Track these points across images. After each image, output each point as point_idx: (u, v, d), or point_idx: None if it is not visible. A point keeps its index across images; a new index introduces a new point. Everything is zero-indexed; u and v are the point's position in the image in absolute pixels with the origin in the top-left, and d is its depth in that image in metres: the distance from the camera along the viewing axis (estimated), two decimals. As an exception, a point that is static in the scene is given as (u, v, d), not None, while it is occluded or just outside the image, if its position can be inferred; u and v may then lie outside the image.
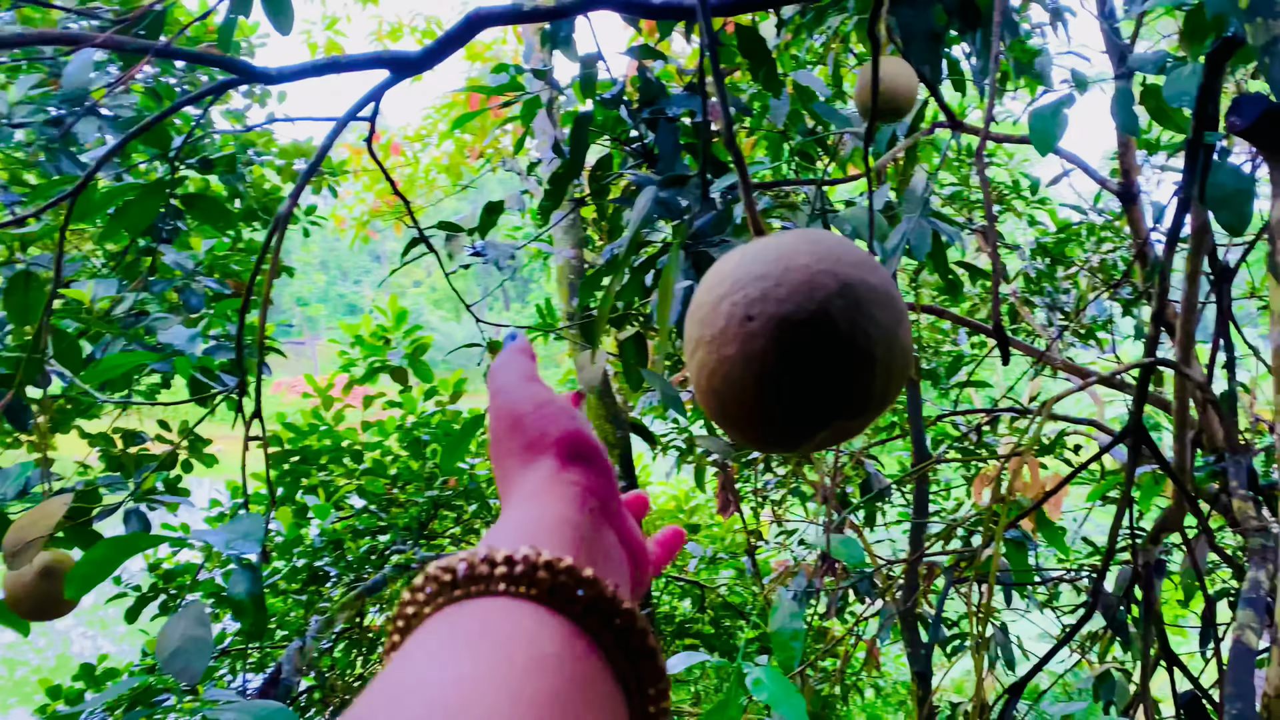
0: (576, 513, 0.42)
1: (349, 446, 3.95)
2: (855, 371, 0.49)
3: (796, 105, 2.46)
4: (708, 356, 0.52)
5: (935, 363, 4.10)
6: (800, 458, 2.29)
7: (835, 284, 0.50)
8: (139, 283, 1.48)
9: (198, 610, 0.91)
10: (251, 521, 0.93)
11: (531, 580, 0.33)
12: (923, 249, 2.24)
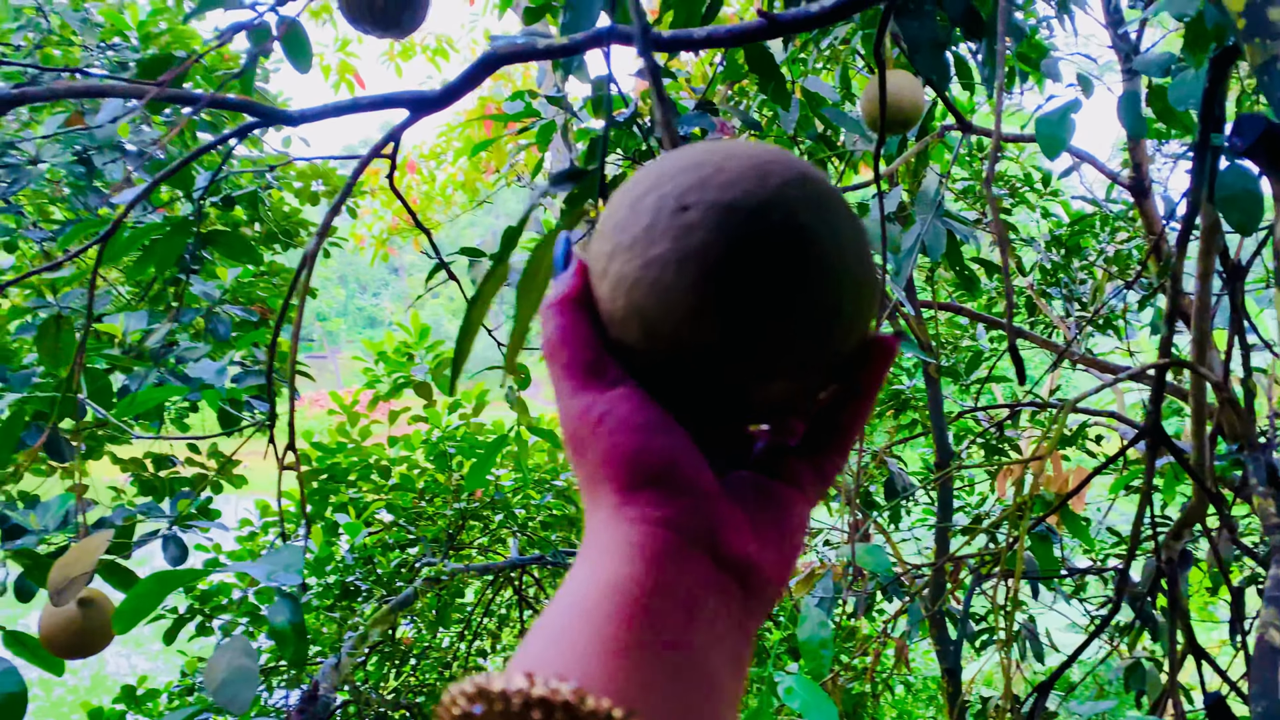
0: (632, 574, 0.33)
1: (376, 462, 4.00)
2: (822, 281, 0.37)
3: (805, 111, 2.48)
4: (626, 267, 0.38)
5: (955, 359, 4.10)
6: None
7: (791, 172, 0.38)
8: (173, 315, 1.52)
9: (243, 642, 0.94)
10: (290, 552, 0.96)
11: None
12: (938, 249, 2.25)
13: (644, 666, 0.31)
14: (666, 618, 0.32)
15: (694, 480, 0.36)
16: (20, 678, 1.16)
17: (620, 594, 0.32)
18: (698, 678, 0.32)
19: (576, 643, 0.31)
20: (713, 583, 0.34)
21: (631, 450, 0.36)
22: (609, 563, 0.34)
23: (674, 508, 0.35)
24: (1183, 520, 1.35)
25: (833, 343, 0.38)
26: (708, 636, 0.33)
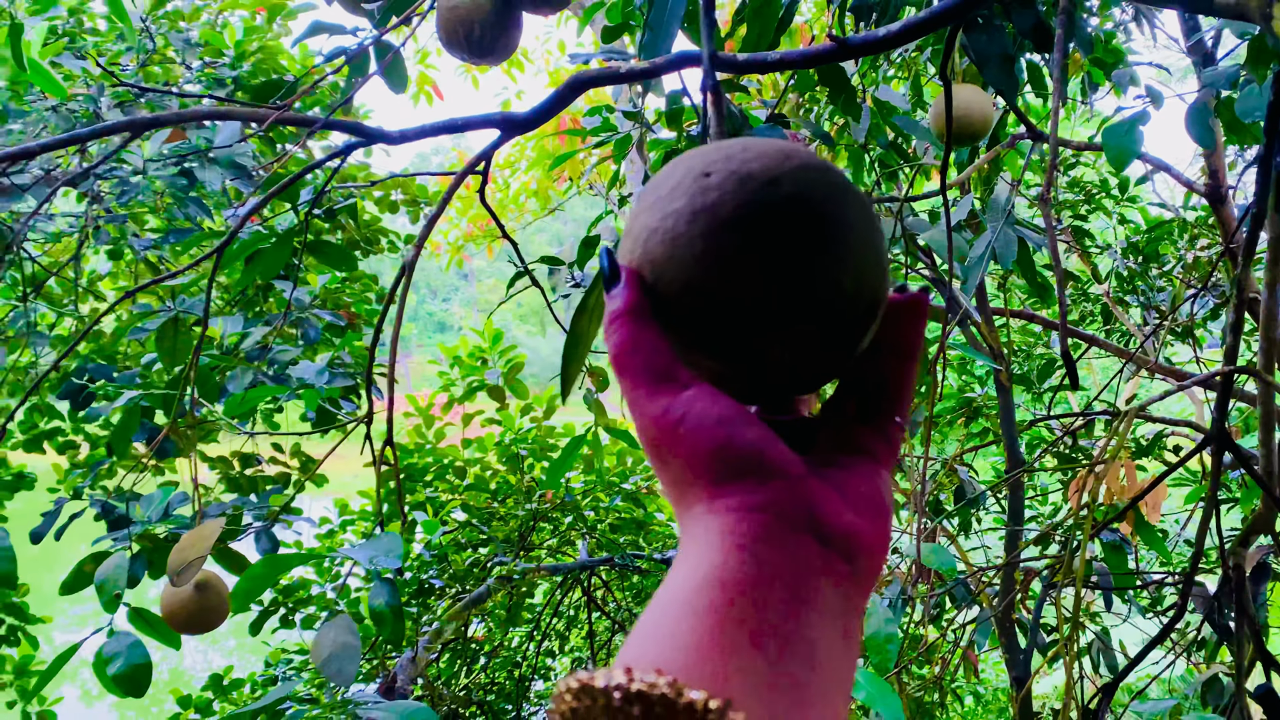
0: (727, 563, 0.33)
1: (451, 463, 4.12)
2: (825, 255, 0.39)
3: (876, 119, 2.51)
4: (649, 218, 0.41)
5: (1027, 367, 4.07)
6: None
7: (812, 160, 0.41)
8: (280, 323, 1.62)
9: (346, 621, 1.02)
10: (390, 539, 1.04)
11: (626, 715, 0.29)
12: (1008, 257, 2.27)
13: (746, 654, 0.31)
14: (769, 603, 0.33)
15: (782, 465, 0.36)
16: (145, 650, 1.26)
17: (720, 584, 0.33)
18: (805, 660, 0.32)
19: (676, 635, 0.31)
20: (817, 561, 0.35)
21: (715, 445, 0.36)
22: (707, 555, 0.34)
23: (766, 493, 0.35)
24: (1249, 528, 1.36)
25: (838, 303, 0.39)
26: (815, 616, 0.33)
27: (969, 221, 2.60)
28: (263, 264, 1.36)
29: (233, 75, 2.41)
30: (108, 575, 1.33)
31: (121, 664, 1.31)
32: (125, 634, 1.35)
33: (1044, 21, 1.55)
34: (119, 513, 2.18)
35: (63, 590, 1.45)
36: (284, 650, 3.95)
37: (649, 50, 1.26)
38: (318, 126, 1.01)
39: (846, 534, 0.36)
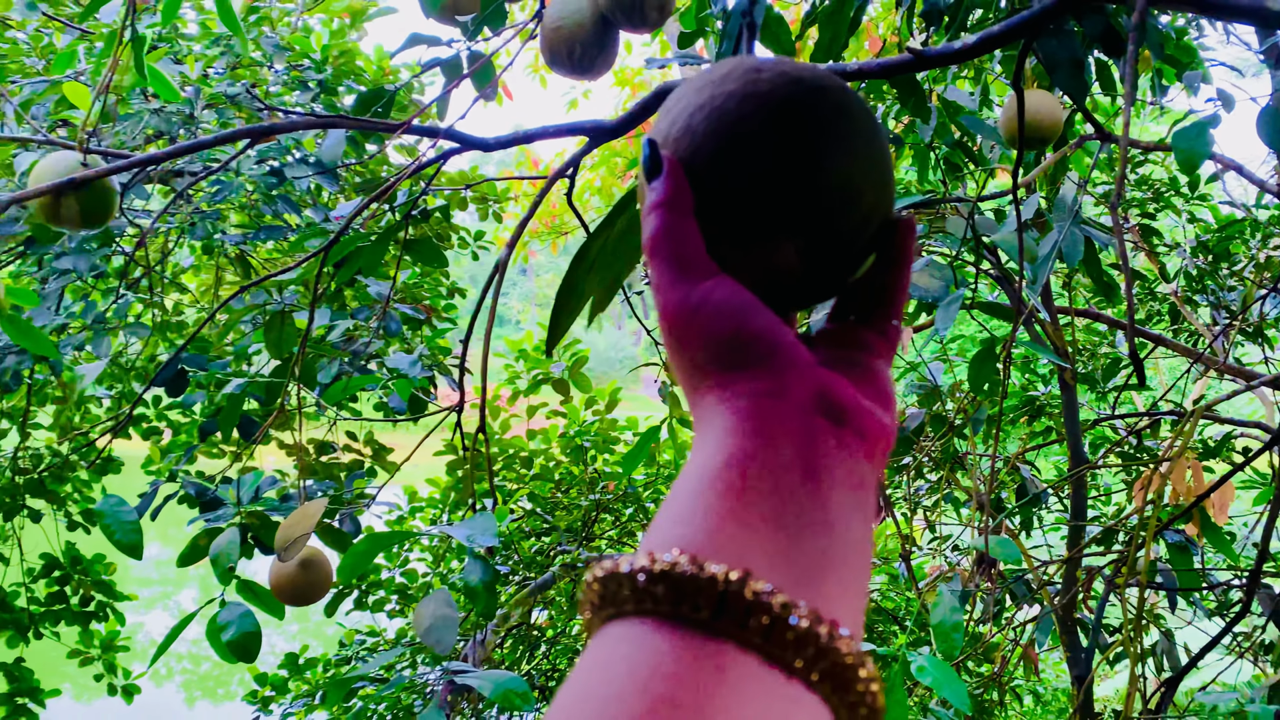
0: (741, 446, 0.35)
1: (517, 453, 4.22)
2: (856, 161, 0.41)
3: (943, 118, 2.53)
4: (696, 98, 0.43)
5: (1091, 366, 4.05)
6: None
7: (850, 90, 0.43)
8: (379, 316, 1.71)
9: (444, 594, 1.10)
10: (485, 519, 1.11)
11: (651, 595, 0.30)
12: (1074, 256, 2.29)
13: (765, 530, 0.32)
14: (785, 481, 0.34)
15: (791, 352, 0.37)
16: (255, 619, 1.36)
17: (735, 465, 0.34)
18: (823, 532, 0.33)
19: (695, 517, 0.32)
20: (831, 440, 0.36)
21: (729, 331, 0.37)
22: (723, 440, 0.35)
23: (778, 379, 0.36)
24: (1316, 526, 1.38)
25: (856, 207, 0.41)
26: (830, 491, 0.34)
27: (1035, 221, 2.62)
28: (362, 261, 1.44)
29: (318, 79, 2.51)
30: (221, 549, 1.43)
31: (234, 631, 1.41)
32: (236, 604, 1.45)
33: (1114, 27, 1.57)
34: (211, 494, 2.30)
35: (180, 562, 1.55)
36: (357, 632, 4.09)
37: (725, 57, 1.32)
38: (410, 130, 1.08)
39: (857, 412, 0.37)
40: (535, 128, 1.19)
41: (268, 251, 3.96)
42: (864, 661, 0.30)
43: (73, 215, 1.16)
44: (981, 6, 2.40)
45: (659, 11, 1.13)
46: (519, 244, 5.82)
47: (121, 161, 1.09)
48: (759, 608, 0.29)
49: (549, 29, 1.15)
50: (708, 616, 0.29)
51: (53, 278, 2.18)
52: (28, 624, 3.85)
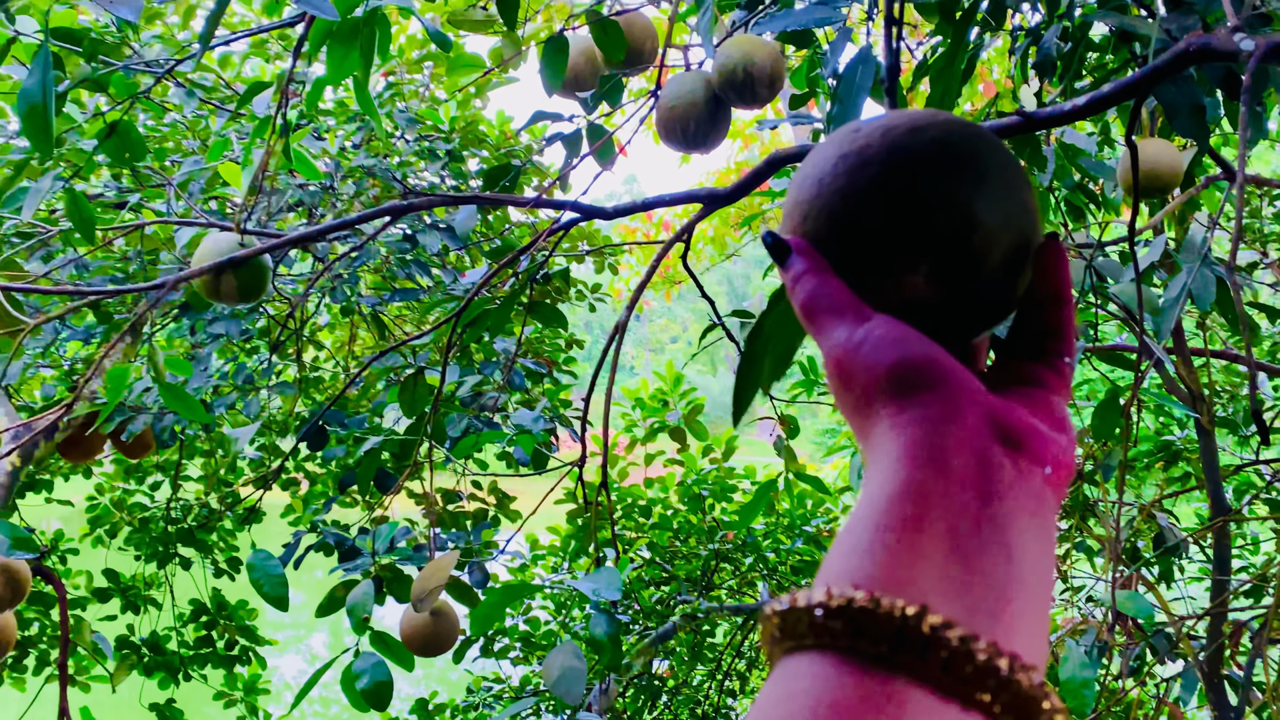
0: (914, 476, 0.34)
1: (635, 501, 4.27)
2: (964, 189, 0.42)
3: (1061, 161, 2.50)
4: (803, 171, 0.46)
5: (1232, 409, 3.87)
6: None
7: (958, 119, 0.45)
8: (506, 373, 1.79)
9: (573, 647, 1.15)
10: (609, 573, 1.16)
11: (829, 631, 0.30)
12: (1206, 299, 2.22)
13: (941, 561, 0.32)
14: (959, 507, 0.33)
15: (960, 378, 0.37)
16: (388, 669, 1.43)
17: (908, 494, 0.33)
18: (1002, 560, 0.33)
19: (872, 550, 0.32)
20: (1006, 465, 0.35)
21: (894, 361, 0.38)
22: (894, 470, 0.35)
23: (947, 405, 0.36)
24: None
25: (972, 236, 0.42)
26: (1008, 519, 0.34)
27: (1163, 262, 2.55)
28: (489, 323, 1.52)
29: (446, 148, 2.65)
30: (357, 601, 1.51)
31: (368, 680, 1.48)
32: (370, 654, 1.53)
33: (1234, 71, 1.55)
34: (349, 544, 2.41)
35: (319, 613, 1.64)
36: (484, 679, 4.17)
37: (839, 123, 1.35)
38: (539, 204, 1.15)
39: (1035, 437, 0.37)
40: (653, 197, 1.24)
41: (398, 309, 4.15)
42: (1047, 695, 0.30)
43: (231, 290, 1.27)
44: (1098, 51, 2.37)
45: (769, 89, 1.18)
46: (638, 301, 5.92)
47: (275, 241, 1.19)
48: (937, 642, 0.29)
49: (664, 109, 1.21)
50: (885, 651, 0.29)
51: (206, 342, 2.35)
52: (178, 666, 4.08)
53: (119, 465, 4.51)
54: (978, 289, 0.43)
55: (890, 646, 0.29)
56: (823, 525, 4.21)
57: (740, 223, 2.00)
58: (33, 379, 3.88)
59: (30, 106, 0.97)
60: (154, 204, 2.52)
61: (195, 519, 4.25)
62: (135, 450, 3.29)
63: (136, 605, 4.15)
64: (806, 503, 4.22)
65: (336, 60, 1.32)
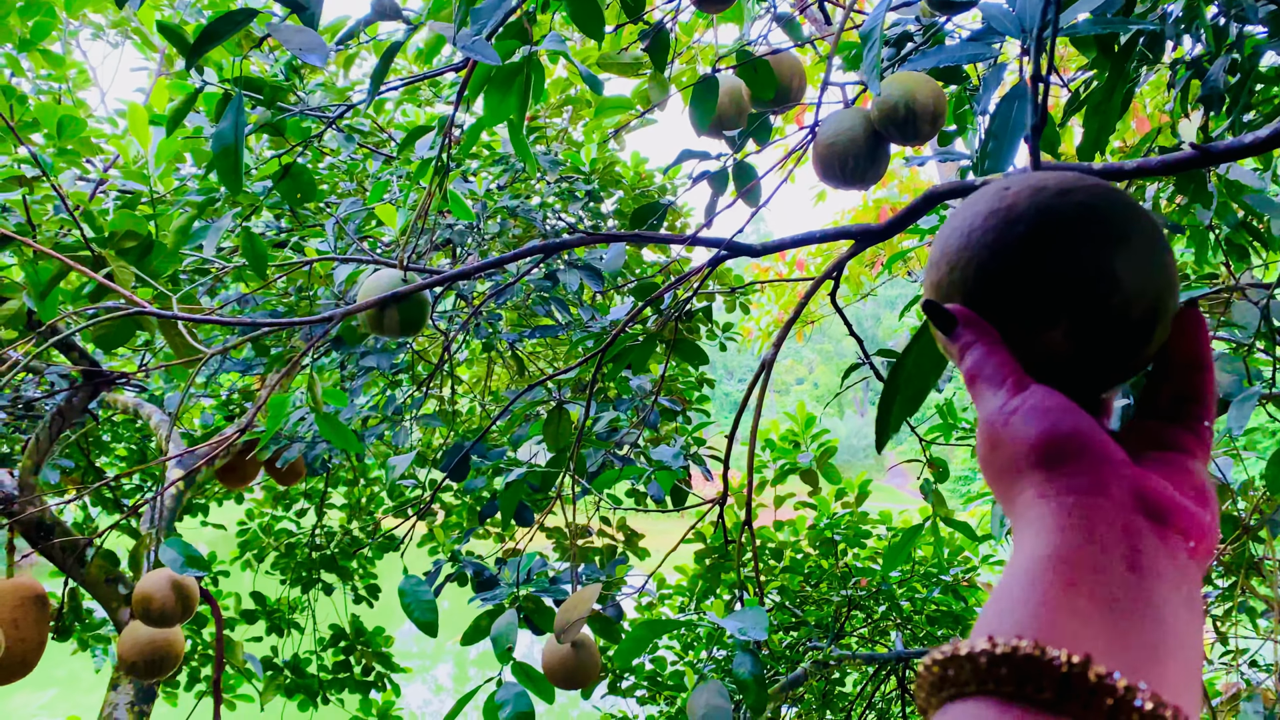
0: (1066, 540, 0.36)
1: (765, 544, 4.22)
2: (1104, 252, 0.44)
3: (1224, 198, 2.38)
4: (952, 224, 0.49)
5: None
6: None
7: (1106, 184, 0.47)
8: (647, 413, 1.81)
9: (718, 685, 1.14)
10: (756, 613, 1.15)
11: (994, 677, 0.31)
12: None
13: (1097, 618, 0.33)
14: (1110, 572, 0.35)
15: (1105, 450, 0.39)
16: (530, 701, 1.44)
17: (1061, 558, 0.35)
18: (1154, 623, 0.34)
19: (1029, 605, 0.34)
20: (1152, 535, 0.37)
21: (1043, 431, 0.40)
22: (1045, 536, 0.36)
23: (1094, 476, 0.38)
24: None
25: (1112, 297, 0.44)
26: (1156, 584, 0.35)
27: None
28: (633, 356, 1.54)
29: (586, 189, 2.71)
30: (501, 630, 1.54)
31: (510, 711, 1.50)
32: (512, 684, 1.55)
33: None
34: (487, 574, 2.45)
35: (464, 641, 1.67)
36: (611, 716, 4.17)
37: (994, 160, 1.32)
38: (683, 241, 1.16)
39: (1177, 511, 0.38)
40: (803, 233, 1.24)
41: (533, 345, 4.24)
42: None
43: (394, 324, 1.32)
44: (1265, 82, 2.26)
45: (931, 125, 1.17)
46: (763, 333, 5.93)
47: (437, 277, 1.24)
48: (1103, 689, 0.30)
49: (823, 145, 1.21)
50: (1051, 698, 0.30)
51: (358, 374, 2.45)
52: (317, 689, 4.22)
53: (268, 492, 4.73)
54: (1114, 347, 0.45)
55: (1056, 693, 0.30)
56: (960, 574, 4.06)
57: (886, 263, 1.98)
58: (193, 408, 4.12)
59: (224, 148, 1.04)
60: (312, 242, 2.65)
61: (338, 546, 4.41)
62: (287, 477, 3.44)
63: (281, 628, 4.32)
64: (944, 550, 4.09)
65: (494, 104, 1.38)
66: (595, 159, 2.75)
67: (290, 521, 4.67)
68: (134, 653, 1.93)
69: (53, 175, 1.67)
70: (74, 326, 1.49)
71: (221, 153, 1.05)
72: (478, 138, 1.59)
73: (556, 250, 1.24)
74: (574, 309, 2.86)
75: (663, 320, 1.57)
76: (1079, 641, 0.32)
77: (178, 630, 1.96)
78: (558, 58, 1.26)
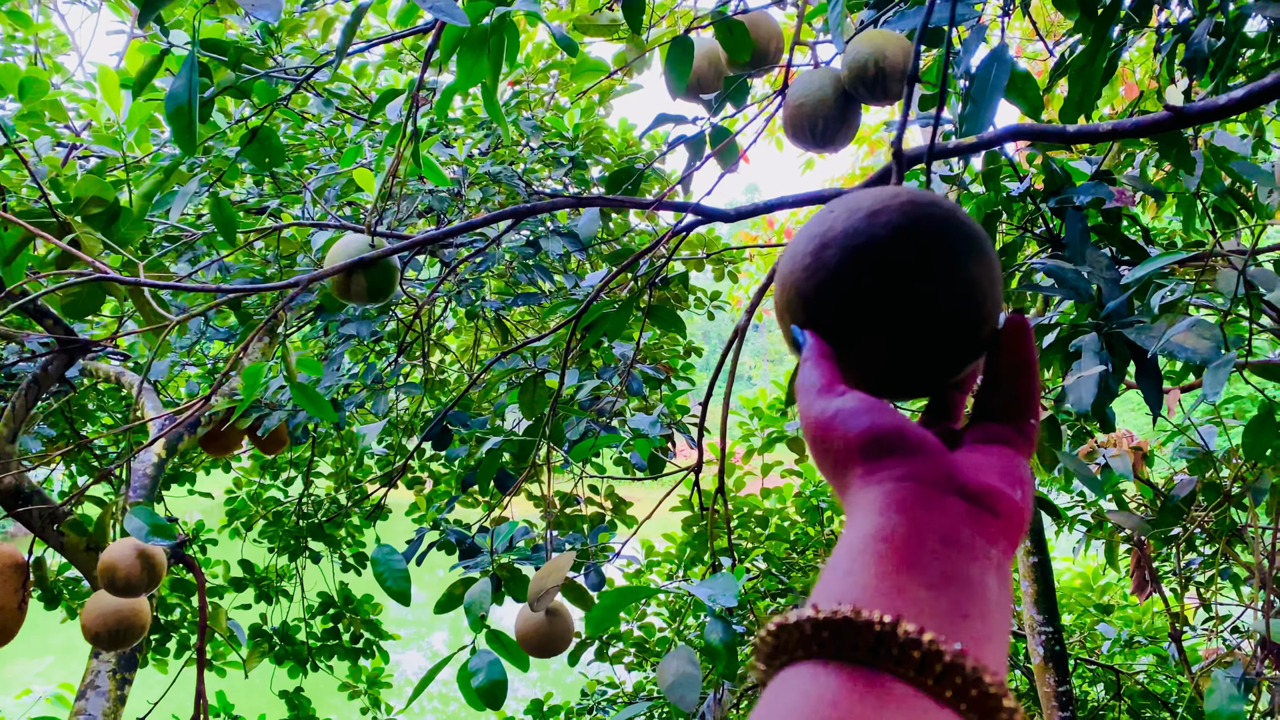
0: (886, 521, 0.40)
1: (751, 511, 4.23)
2: (913, 272, 0.48)
3: (1210, 164, 2.36)
4: (789, 246, 0.53)
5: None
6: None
7: (923, 198, 0.51)
8: (624, 377, 1.80)
9: (688, 652, 1.13)
10: (726, 580, 1.14)
11: (817, 640, 0.35)
12: (1373, 308, 2.06)
13: (909, 587, 0.37)
14: (926, 549, 0.39)
15: (922, 441, 0.44)
16: (503, 669, 1.44)
17: (881, 536, 0.40)
18: (963, 591, 0.38)
19: (851, 577, 0.38)
20: (964, 514, 0.41)
21: (864, 429, 0.44)
22: (869, 519, 0.41)
23: (912, 465, 0.43)
24: None
25: (924, 314, 0.48)
26: (967, 558, 0.39)
27: (1326, 271, 2.37)
28: (607, 326, 1.52)
29: (570, 155, 2.68)
30: (474, 598, 1.53)
31: (483, 679, 1.49)
32: (486, 652, 1.54)
33: None
34: (469, 542, 2.45)
35: (437, 609, 1.67)
36: (599, 683, 4.19)
37: (971, 123, 1.30)
38: (659, 206, 1.14)
39: (987, 492, 0.43)
40: (775, 198, 1.22)
41: (520, 314, 4.22)
42: (1007, 692, 0.34)
43: (361, 290, 1.30)
44: (1252, 47, 2.23)
45: (902, 84, 1.14)
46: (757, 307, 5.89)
47: (403, 242, 1.22)
48: (911, 644, 0.34)
49: (792, 106, 1.19)
50: (866, 655, 0.34)
51: (338, 342, 2.43)
52: (306, 656, 4.23)
53: (256, 461, 4.72)
54: (926, 355, 0.50)
55: (871, 651, 0.34)
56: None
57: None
58: (179, 377, 4.09)
59: (177, 107, 1.02)
60: (292, 210, 2.62)
61: (325, 514, 4.41)
62: (270, 446, 3.43)
63: (269, 596, 4.33)
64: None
65: (466, 67, 1.35)
66: (579, 125, 2.71)
67: (278, 490, 4.66)
68: (98, 623, 1.92)
69: (12, 138, 1.64)
70: (36, 292, 1.47)
71: (175, 112, 1.02)
72: (450, 102, 1.56)
73: (527, 215, 1.22)
74: (558, 276, 2.84)
75: (641, 287, 1.55)
76: (894, 606, 0.36)
77: (144, 600, 1.96)
78: (536, 20, 1.23)
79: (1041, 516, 3.67)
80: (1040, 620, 3.45)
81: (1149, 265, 1.44)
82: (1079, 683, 4.49)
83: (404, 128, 1.41)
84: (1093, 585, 4.84)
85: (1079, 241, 1.57)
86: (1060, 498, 4.12)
